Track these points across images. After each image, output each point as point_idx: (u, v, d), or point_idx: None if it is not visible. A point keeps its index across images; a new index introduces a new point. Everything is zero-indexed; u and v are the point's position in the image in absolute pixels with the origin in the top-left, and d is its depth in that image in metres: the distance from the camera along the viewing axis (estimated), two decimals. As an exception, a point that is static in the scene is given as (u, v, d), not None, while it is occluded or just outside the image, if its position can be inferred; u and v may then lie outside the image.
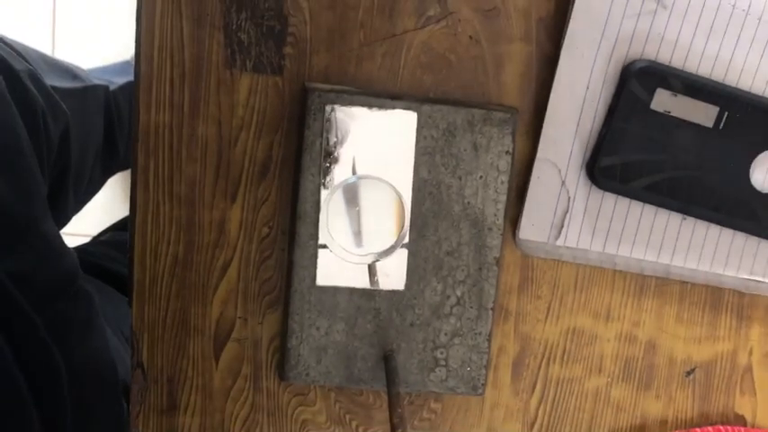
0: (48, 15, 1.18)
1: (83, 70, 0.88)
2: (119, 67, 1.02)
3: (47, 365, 0.47)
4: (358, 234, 0.46)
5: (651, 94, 0.45)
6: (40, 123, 0.62)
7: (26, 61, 0.65)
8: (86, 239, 1.03)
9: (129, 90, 0.88)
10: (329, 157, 0.45)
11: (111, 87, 0.87)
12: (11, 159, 0.53)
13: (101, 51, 1.08)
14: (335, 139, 0.45)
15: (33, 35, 1.13)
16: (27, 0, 1.18)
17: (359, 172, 0.45)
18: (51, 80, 0.69)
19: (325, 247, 0.46)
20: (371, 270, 0.46)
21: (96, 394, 0.51)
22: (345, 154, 0.45)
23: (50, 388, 0.47)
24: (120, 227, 1.04)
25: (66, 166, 0.72)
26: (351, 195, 0.46)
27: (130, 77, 0.91)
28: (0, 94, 0.56)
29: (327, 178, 0.45)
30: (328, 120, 0.45)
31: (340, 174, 0.45)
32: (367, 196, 0.46)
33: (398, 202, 0.46)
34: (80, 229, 0.94)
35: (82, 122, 0.75)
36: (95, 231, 1.06)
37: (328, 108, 0.44)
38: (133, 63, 0.48)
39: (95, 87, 0.84)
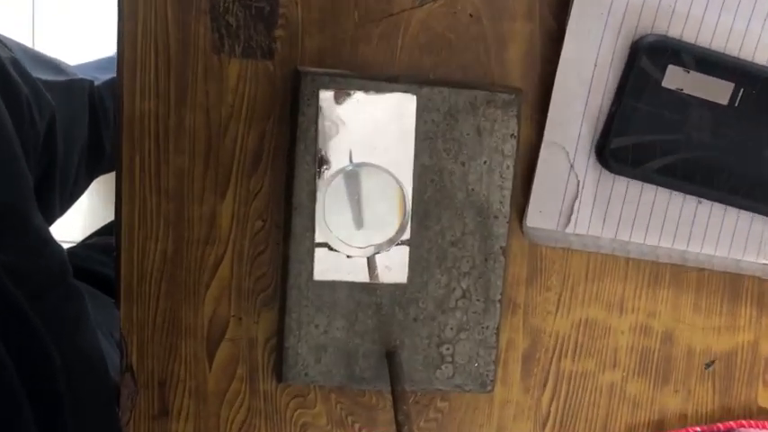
0: (28, 6, 1.18)
1: (66, 64, 0.88)
2: (103, 63, 1.02)
3: (42, 359, 0.48)
4: (356, 225, 0.46)
5: (663, 70, 0.46)
6: (25, 113, 0.62)
7: (8, 49, 0.65)
8: (70, 246, 1.04)
9: (115, 87, 0.91)
10: (325, 144, 0.45)
11: (96, 83, 0.87)
12: None
13: (84, 46, 1.09)
14: (331, 126, 0.45)
15: (11, 26, 1.13)
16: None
17: (356, 160, 0.45)
18: (35, 72, 0.68)
19: (322, 245, 0.46)
20: (371, 263, 0.47)
21: (91, 392, 0.52)
22: (342, 141, 0.45)
23: (47, 382, 0.47)
24: (105, 231, 1.05)
25: (53, 161, 0.72)
26: (348, 185, 0.46)
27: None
28: None
29: (323, 167, 0.45)
30: (323, 105, 0.44)
31: (336, 162, 0.45)
32: (365, 185, 0.46)
33: (399, 191, 0.46)
34: (64, 235, 0.95)
35: (67, 117, 0.75)
36: (80, 238, 1.07)
37: (323, 93, 0.44)
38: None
39: (81, 81, 0.83)
